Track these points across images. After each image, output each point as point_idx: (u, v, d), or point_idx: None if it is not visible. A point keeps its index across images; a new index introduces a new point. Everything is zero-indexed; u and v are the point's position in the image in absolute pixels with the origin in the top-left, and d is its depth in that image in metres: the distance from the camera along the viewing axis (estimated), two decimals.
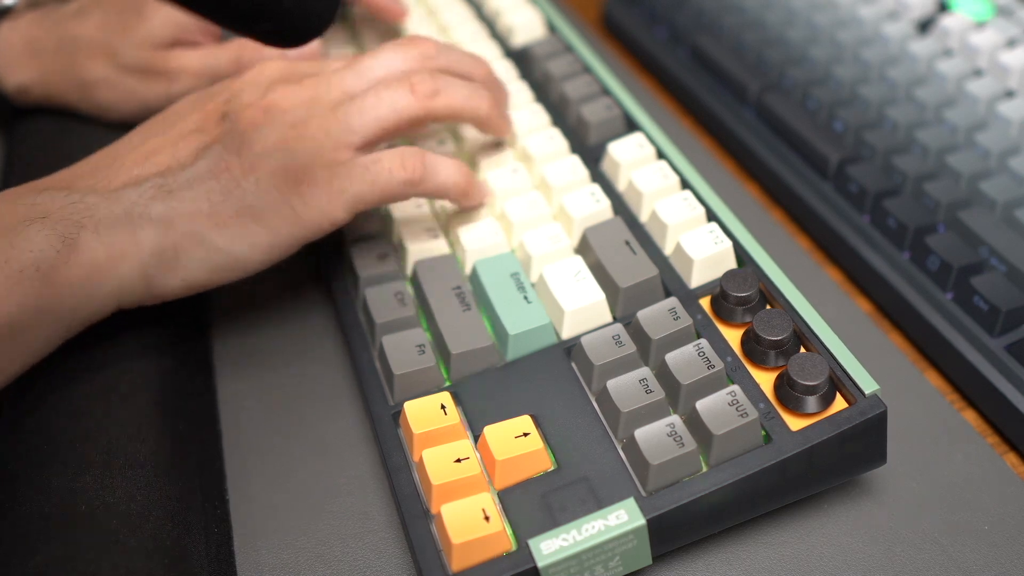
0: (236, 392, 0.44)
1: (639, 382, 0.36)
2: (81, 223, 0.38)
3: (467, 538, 0.33)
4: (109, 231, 0.38)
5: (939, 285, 0.44)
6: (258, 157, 0.40)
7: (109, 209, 0.38)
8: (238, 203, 0.40)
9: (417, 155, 0.42)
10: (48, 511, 0.34)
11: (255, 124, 0.41)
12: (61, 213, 0.37)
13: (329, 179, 0.40)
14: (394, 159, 0.41)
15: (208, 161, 0.40)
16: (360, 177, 0.41)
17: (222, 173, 0.40)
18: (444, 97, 0.43)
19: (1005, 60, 0.51)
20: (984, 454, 0.40)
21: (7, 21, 0.54)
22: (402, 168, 0.41)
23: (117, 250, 0.38)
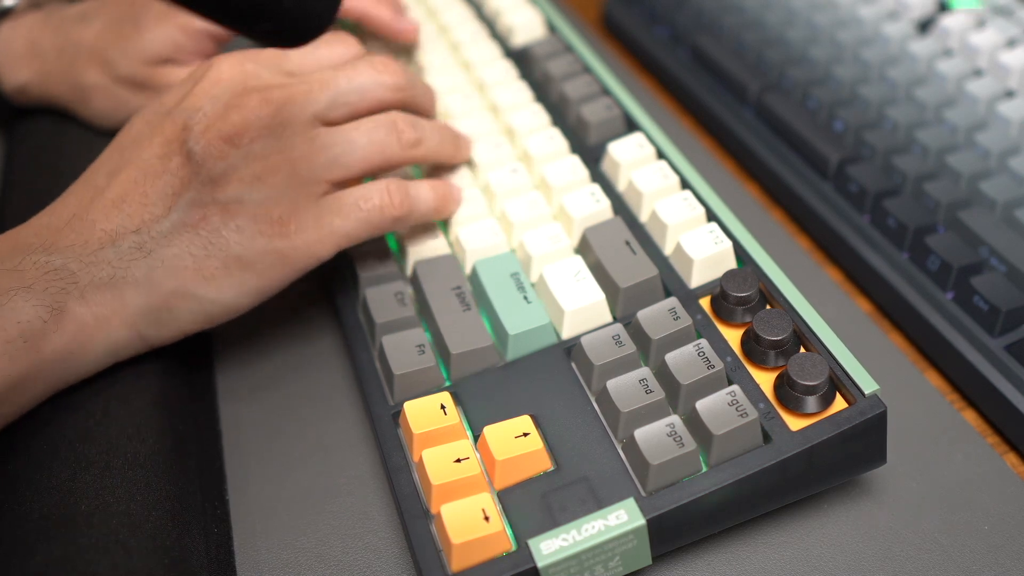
0: (236, 392, 0.44)
1: (639, 382, 0.36)
2: (67, 290, 0.37)
3: (467, 538, 0.33)
4: (95, 296, 0.37)
5: (939, 285, 0.44)
6: (235, 200, 0.38)
7: (91, 274, 0.37)
8: (223, 255, 0.38)
9: (402, 189, 0.41)
10: (48, 511, 0.34)
11: (222, 157, 0.38)
12: (45, 281, 0.37)
13: (317, 217, 0.39)
14: (383, 196, 0.41)
15: (182, 212, 0.38)
16: (352, 215, 0.40)
17: (200, 224, 0.38)
18: (423, 147, 0.43)
19: (1005, 60, 0.51)
20: (984, 454, 0.40)
21: (8, 21, 0.54)
22: (392, 205, 0.41)
23: (105, 313, 0.38)
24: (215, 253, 0.38)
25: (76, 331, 0.37)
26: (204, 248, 0.38)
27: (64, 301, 0.37)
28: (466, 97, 0.51)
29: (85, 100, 0.53)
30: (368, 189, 0.41)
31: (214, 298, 0.39)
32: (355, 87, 0.42)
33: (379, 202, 0.41)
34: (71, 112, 0.54)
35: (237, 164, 0.39)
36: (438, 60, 0.55)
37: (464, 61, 0.55)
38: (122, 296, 0.38)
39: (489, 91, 0.52)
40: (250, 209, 0.39)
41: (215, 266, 0.38)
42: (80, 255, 0.38)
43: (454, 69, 0.54)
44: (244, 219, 0.39)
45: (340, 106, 0.42)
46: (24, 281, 0.36)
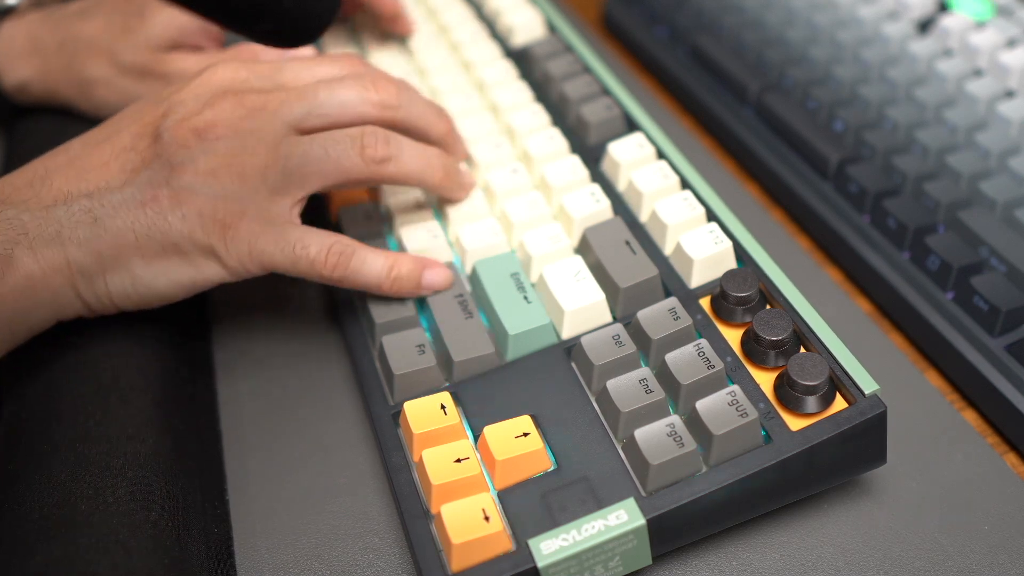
0: (236, 392, 0.44)
1: (639, 382, 0.36)
2: (16, 240, 0.37)
3: (467, 538, 0.33)
4: (42, 249, 0.38)
5: (939, 285, 0.44)
6: (187, 189, 0.39)
7: (40, 228, 0.38)
8: (163, 239, 0.39)
9: (344, 254, 0.40)
10: (48, 511, 0.34)
11: (186, 146, 0.39)
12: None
13: (255, 236, 0.39)
14: (320, 251, 0.40)
15: (136, 188, 0.39)
16: (284, 252, 0.39)
17: (149, 203, 0.39)
18: (394, 165, 0.41)
19: (1005, 60, 0.51)
20: (984, 454, 0.40)
21: (10, 20, 0.54)
22: (323, 264, 0.40)
23: (50, 267, 0.38)
24: (156, 235, 0.39)
25: (23, 280, 0.38)
26: (147, 227, 0.39)
27: (12, 250, 0.37)
28: (466, 97, 0.51)
29: (88, 93, 0.53)
30: (311, 236, 0.40)
31: (147, 280, 0.39)
32: (335, 100, 0.41)
33: (313, 254, 0.40)
34: (73, 107, 0.54)
35: (197, 156, 0.39)
36: (438, 60, 0.55)
37: (464, 61, 0.55)
38: (65, 254, 0.38)
39: (489, 91, 0.52)
40: (197, 202, 0.39)
41: (153, 247, 0.39)
42: (33, 209, 0.38)
43: (454, 69, 0.54)
44: (190, 209, 0.39)
45: (316, 117, 0.41)
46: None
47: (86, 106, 0.53)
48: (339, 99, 0.41)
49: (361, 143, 0.40)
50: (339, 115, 0.41)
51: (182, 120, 0.39)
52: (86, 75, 0.52)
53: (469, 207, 0.45)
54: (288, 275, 0.40)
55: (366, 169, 0.41)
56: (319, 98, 0.41)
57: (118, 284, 0.39)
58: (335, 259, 0.40)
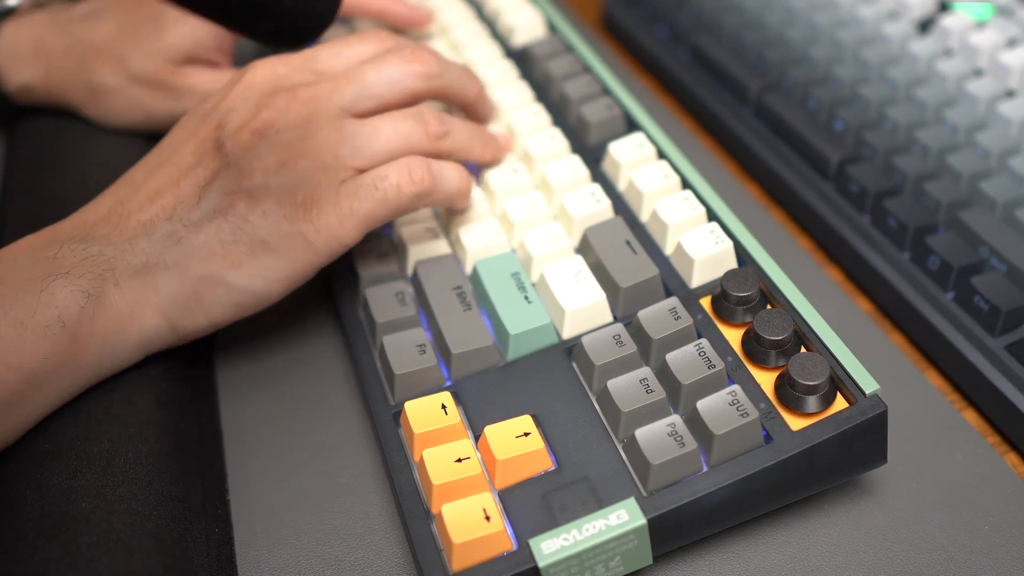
0: (238, 392, 0.44)
1: (640, 382, 0.37)
2: (103, 276, 0.38)
3: (468, 538, 0.33)
4: (129, 283, 0.38)
5: (939, 285, 0.44)
6: (261, 187, 0.39)
7: (127, 261, 0.38)
8: (249, 240, 0.39)
9: (423, 165, 0.41)
10: (49, 509, 0.34)
11: (250, 147, 0.40)
12: (83, 267, 0.37)
13: (337, 201, 0.40)
14: (402, 173, 0.40)
15: (212, 201, 0.39)
16: (369, 196, 0.40)
17: (228, 211, 0.39)
18: (450, 140, 0.43)
19: (1005, 60, 0.51)
20: (984, 454, 0.40)
21: (11, 21, 0.54)
22: (411, 182, 0.40)
23: (138, 300, 0.38)
24: (242, 239, 0.39)
25: (112, 318, 0.38)
26: (232, 234, 0.39)
27: (101, 287, 0.38)
28: None
29: (96, 100, 0.53)
30: (386, 168, 0.41)
31: (243, 285, 0.39)
32: (384, 78, 0.42)
33: (396, 180, 0.40)
34: (78, 112, 0.53)
35: (263, 153, 0.40)
36: None
37: (464, 61, 0.55)
38: (155, 283, 0.39)
39: (489, 91, 0.52)
40: (274, 195, 0.39)
41: (242, 251, 0.39)
42: (116, 243, 0.39)
43: None
44: (269, 204, 0.39)
45: (368, 99, 0.42)
46: (62, 268, 0.37)
47: (93, 112, 0.53)
48: (387, 77, 0.43)
49: (424, 120, 0.42)
50: (389, 93, 0.43)
51: (240, 126, 0.40)
52: (96, 81, 0.52)
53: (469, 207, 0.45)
54: (384, 222, 0.41)
55: (430, 144, 0.42)
56: (368, 79, 0.42)
57: (214, 300, 0.39)
58: (419, 172, 0.41)
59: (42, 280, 0.37)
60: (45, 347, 0.36)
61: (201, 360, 0.45)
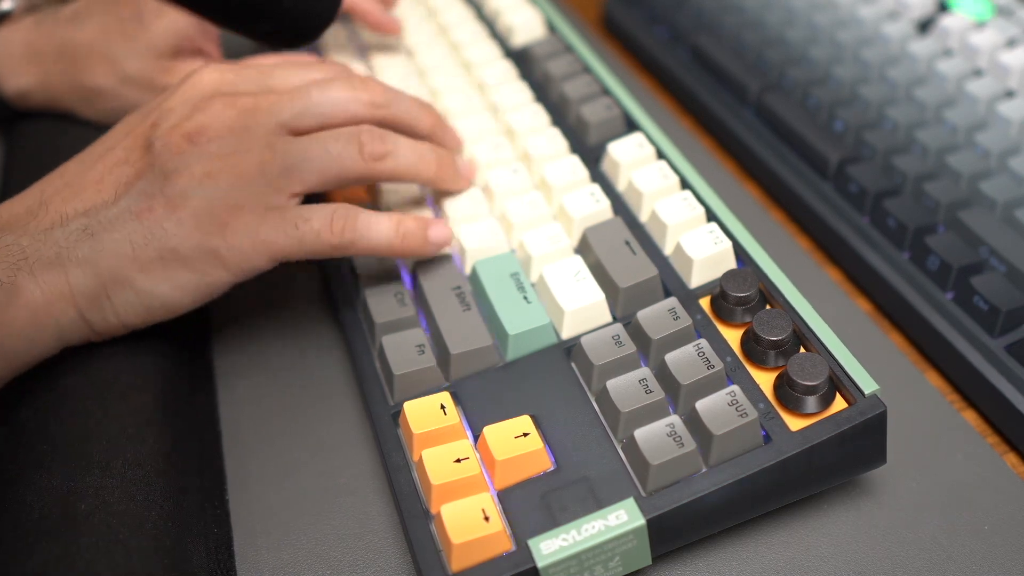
0: (236, 392, 0.44)
1: (639, 382, 0.36)
2: (17, 266, 0.37)
3: (467, 538, 0.33)
4: (43, 273, 0.38)
5: (939, 285, 0.44)
6: (181, 194, 0.38)
7: (40, 252, 0.38)
8: (160, 246, 0.38)
9: (349, 218, 0.40)
10: (48, 511, 0.34)
11: (179, 152, 0.39)
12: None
13: (256, 226, 0.39)
14: (324, 220, 0.39)
15: (131, 200, 0.38)
16: (286, 233, 0.39)
17: (144, 214, 0.38)
18: (391, 161, 0.42)
19: (1005, 60, 0.51)
20: (984, 454, 0.40)
21: (6, 26, 0.54)
22: (330, 231, 0.39)
23: (52, 292, 0.38)
24: (153, 243, 0.38)
25: (27, 307, 0.37)
26: (144, 237, 0.38)
27: (14, 276, 0.37)
28: (466, 97, 0.51)
29: (91, 101, 0.53)
30: (311, 209, 0.40)
31: (150, 289, 0.39)
32: (327, 100, 0.41)
33: (317, 225, 0.39)
34: (75, 114, 0.53)
35: (191, 160, 0.39)
36: (438, 60, 0.55)
37: (464, 61, 0.55)
38: (67, 276, 0.38)
39: (489, 91, 0.52)
40: (194, 204, 0.38)
41: (152, 256, 0.38)
42: (32, 233, 0.38)
43: (454, 69, 0.54)
44: (186, 213, 0.38)
45: (309, 117, 0.41)
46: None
47: (89, 114, 0.53)
48: (331, 98, 0.41)
49: (359, 140, 0.41)
50: (332, 114, 0.41)
51: (173, 127, 0.39)
52: (89, 84, 0.52)
53: (469, 207, 0.45)
54: (296, 259, 0.40)
55: (364, 166, 0.41)
56: (312, 98, 0.41)
57: (122, 300, 0.39)
58: (341, 223, 0.40)
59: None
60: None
61: (200, 360, 0.45)
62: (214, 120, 0.39)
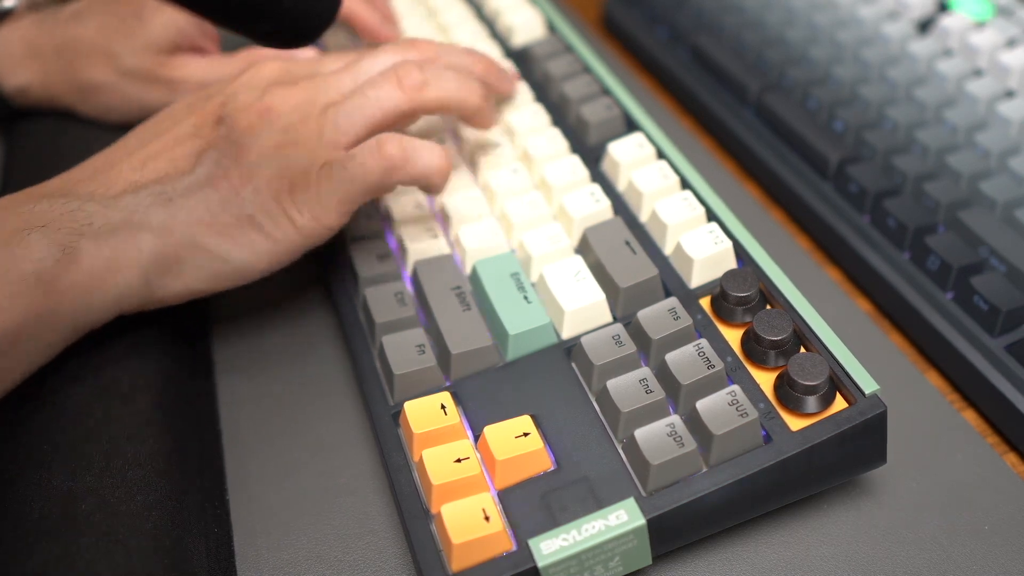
0: (236, 392, 0.44)
1: (639, 382, 0.36)
2: (80, 231, 0.37)
3: (467, 538, 0.33)
4: (109, 239, 0.38)
5: (939, 285, 0.44)
6: (254, 165, 0.40)
7: (107, 216, 0.38)
8: (237, 212, 0.40)
9: (393, 140, 0.41)
10: (48, 511, 0.34)
11: (251, 128, 0.40)
12: (60, 221, 0.37)
13: (317, 184, 0.40)
14: (372, 149, 0.40)
15: (206, 168, 0.40)
16: (339, 176, 0.40)
17: (220, 181, 0.40)
18: (433, 89, 0.42)
19: (1005, 60, 0.51)
20: (984, 454, 0.40)
21: (7, 23, 0.54)
22: (379, 157, 0.40)
23: (117, 257, 0.38)
24: (230, 209, 0.40)
25: (88, 271, 0.37)
26: (221, 204, 0.39)
27: (77, 241, 0.37)
28: None
29: (90, 98, 0.53)
30: (357, 148, 0.41)
31: (224, 253, 0.40)
32: (378, 63, 0.43)
33: (362, 158, 0.40)
34: (74, 111, 0.54)
35: (261, 135, 0.40)
36: None
37: None
38: (136, 241, 0.39)
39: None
40: (267, 173, 0.40)
41: (229, 222, 0.40)
42: (99, 199, 0.39)
43: None
44: (261, 182, 0.40)
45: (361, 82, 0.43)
46: (39, 220, 0.37)
47: (88, 110, 0.53)
48: (381, 61, 0.43)
49: (396, 75, 0.42)
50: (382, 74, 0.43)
51: (243, 107, 0.41)
52: (87, 80, 0.52)
53: (469, 207, 0.45)
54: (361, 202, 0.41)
55: (407, 99, 0.42)
56: (362, 66, 0.43)
57: (194, 265, 0.40)
58: (389, 146, 0.40)
59: (18, 234, 0.36)
60: (21, 301, 0.36)
61: (200, 360, 0.45)
62: (281, 101, 0.41)
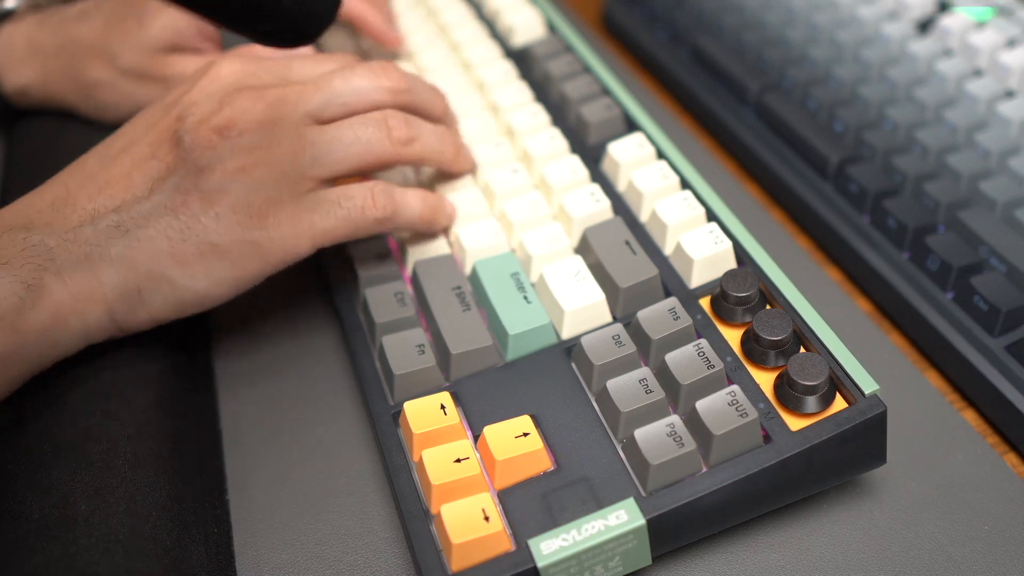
0: (236, 392, 0.44)
1: (639, 382, 0.36)
2: (43, 266, 0.37)
3: (467, 538, 0.33)
4: (71, 274, 0.37)
5: (939, 285, 0.44)
6: (217, 189, 0.39)
7: (69, 251, 0.37)
8: (199, 241, 0.38)
9: (387, 192, 0.41)
10: (48, 511, 0.34)
11: (211, 147, 0.39)
12: (22, 257, 0.36)
13: (295, 213, 0.39)
14: (366, 196, 0.40)
15: (164, 196, 0.39)
16: (331, 213, 0.40)
17: (180, 209, 0.38)
18: (417, 145, 0.43)
19: (1005, 60, 0.51)
20: (984, 454, 0.40)
21: (9, 24, 0.54)
22: (374, 206, 0.40)
23: (81, 292, 0.37)
24: (191, 238, 0.38)
25: (52, 309, 0.37)
26: (181, 232, 0.38)
27: (40, 277, 0.37)
28: (466, 97, 0.51)
29: (89, 96, 0.53)
30: (351, 188, 0.41)
31: (187, 284, 0.39)
32: (351, 88, 0.42)
33: (360, 202, 0.40)
34: (74, 111, 0.54)
35: (223, 155, 0.39)
36: (438, 60, 0.55)
37: (464, 61, 0.55)
38: (97, 275, 0.38)
39: (489, 91, 0.52)
40: (231, 198, 0.39)
41: (190, 251, 0.38)
42: (58, 232, 0.38)
43: (454, 69, 0.54)
44: (223, 207, 0.39)
45: (334, 107, 0.42)
46: (2, 259, 0.36)
47: (87, 109, 0.53)
48: (354, 87, 0.42)
49: (387, 126, 0.42)
50: (355, 102, 0.42)
51: (201, 121, 0.39)
52: (86, 78, 0.52)
53: (469, 207, 0.45)
54: (339, 241, 0.41)
55: (393, 151, 0.42)
56: (335, 87, 0.42)
57: (157, 296, 0.39)
58: (382, 198, 0.41)
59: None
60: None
61: (200, 360, 0.45)
62: (242, 113, 0.40)
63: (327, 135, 0.41)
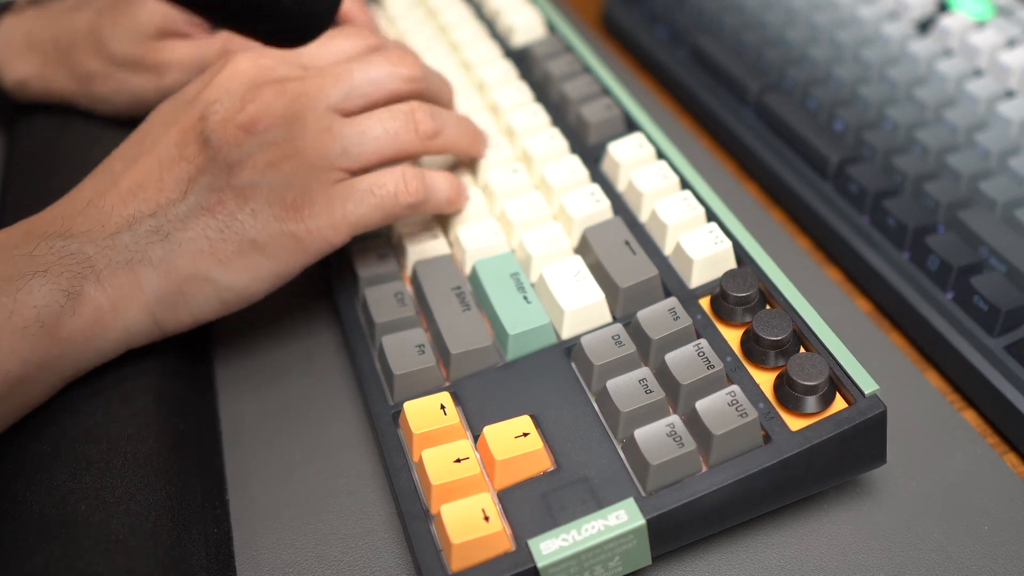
0: (236, 392, 0.44)
1: (639, 382, 0.36)
2: (83, 274, 0.37)
3: (467, 538, 0.33)
4: (111, 280, 0.38)
5: (939, 285, 0.44)
6: (249, 185, 0.39)
7: (108, 258, 0.38)
8: (238, 239, 0.39)
9: (418, 176, 0.41)
10: (48, 511, 0.34)
11: (238, 144, 0.39)
12: (61, 265, 0.37)
13: (329, 202, 0.40)
14: (398, 182, 0.41)
15: (198, 196, 0.39)
16: (365, 201, 0.40)
17: (216, 208, 0.39)
18: (442, 139, 0.43)
19: (1005, 60, 0.51)
20: (984, 454, 0.40)
21: (8, 16, 0.54)
22: (407, 192, 0.41)
23: (122, 298, 0.38)
24: (230, 236, 0.39)
25: (93, 315, 0.37)
26: (220, 231, 0.39)
27: (80, 285, 0.37)
28: (466, 97, 0.51)
29: (86, 87, 0.53)
30: (383, 175, 0.41)
31: (229, 282, 0.39)
32: (370, 79, 0.43)
33: (393, 188, 0.41)
34: (72, 103, 0.54)
35: (252, 151, 0.39)
36: (438, 60, 0.55)
37: (464, 61, 0.55)
38: (138, 280, 0.38)
39: (489, 91, 0.52)
40: (264, 193, 0.39)
41: (230, 249, 0.39)
42: (96, 239, 0.38)
43: (454, 69, 0.54)
44: (259, 203, 0.39)
45: (355, 97, 0.42)
46: (40, 265, 0.37)
47: (85, 100, 0.53)
48: (372, 77, 0.43)
49: (414, 119, 0.42)
50: (375, 92, 0.43)
51: (225, 119, 0.40)
52: (82, 69, 0.52)
53: (469, 207, 0.45)
54: (373, 228, 0.41)
55: (420, 143, 0.42)
56: (355, 79, 0.42)
57: (199, 297, 0.39)
58: (414, 183, 0.41)
59: (19, 279, 0.36)
60: (24, 348, 0.35)
61: (200, 360, 0.45)
62: (266, 108, 0.40)
63: (355, 128, 0.41)
